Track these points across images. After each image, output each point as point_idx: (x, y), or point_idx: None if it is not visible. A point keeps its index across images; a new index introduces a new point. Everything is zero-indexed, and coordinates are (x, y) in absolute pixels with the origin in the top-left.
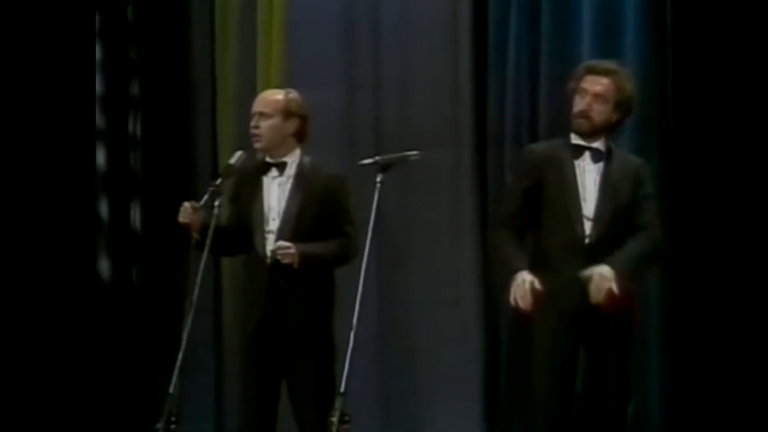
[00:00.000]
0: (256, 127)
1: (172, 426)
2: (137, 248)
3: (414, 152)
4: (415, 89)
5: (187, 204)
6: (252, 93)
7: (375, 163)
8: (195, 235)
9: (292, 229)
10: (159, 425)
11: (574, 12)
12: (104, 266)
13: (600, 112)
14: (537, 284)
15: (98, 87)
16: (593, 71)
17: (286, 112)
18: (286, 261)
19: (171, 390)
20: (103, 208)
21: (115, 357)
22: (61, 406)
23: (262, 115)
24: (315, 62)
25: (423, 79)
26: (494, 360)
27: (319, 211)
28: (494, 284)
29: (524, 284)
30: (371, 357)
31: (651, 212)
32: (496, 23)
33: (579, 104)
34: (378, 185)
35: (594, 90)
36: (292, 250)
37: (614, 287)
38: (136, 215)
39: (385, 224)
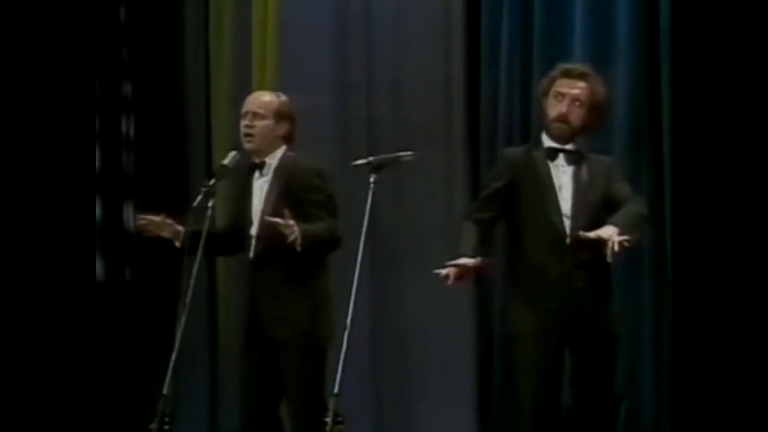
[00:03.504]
0: (251, 127)
1: (166, 427)
2: (130, 249)
3: (407, 153)
4: (408, 90)
5: (151, 218)
6: (247, 93)
7: (368, 163)
8: (177, 244)
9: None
10: (153, 426)
11: (566, 13)
12: (97, 266)
13: (578, 116)
14: (470, 263)
15: None
16: (569, 75)
17: (279, 114)
18: (291, 239)
19: (165, 390)
20: (97, 209)
21: (108, 357)
22: (54, 406)
23: (256, 115)
24: (308, 63)
25: (416, 79)
26: (487, 361)
27: (298, 206)
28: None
29: (453, 262)
30: (365, 358)
31: (627, 188)
32: (489, 24)
33: (556, 108)
34: (371, 186)
35: (572, 94)
36: (296, 228)
37: (616, 242)
38: (129, 216)
39: (378, 225)
